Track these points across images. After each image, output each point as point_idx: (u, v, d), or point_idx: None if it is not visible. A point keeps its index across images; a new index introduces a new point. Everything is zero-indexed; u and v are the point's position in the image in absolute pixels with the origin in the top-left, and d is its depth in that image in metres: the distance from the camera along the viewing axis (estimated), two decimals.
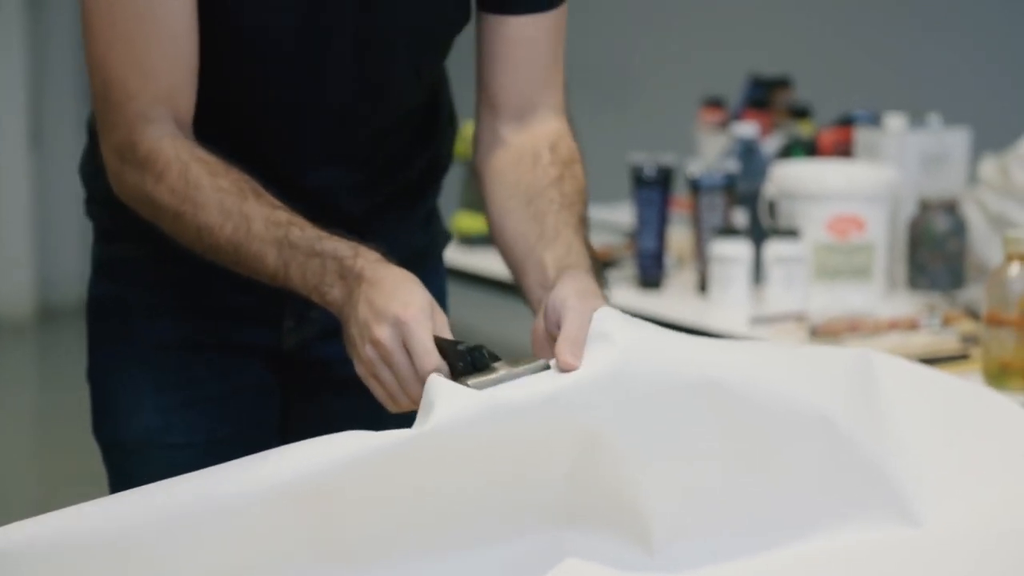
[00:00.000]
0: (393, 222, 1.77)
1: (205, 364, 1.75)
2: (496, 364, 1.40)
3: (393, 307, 1.43)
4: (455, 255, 3.37)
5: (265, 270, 1.52)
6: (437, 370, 1.40)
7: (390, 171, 1.76)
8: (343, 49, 1.63)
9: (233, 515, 1.30)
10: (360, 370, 1.47)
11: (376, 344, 1.43)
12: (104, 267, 1.78)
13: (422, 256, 1.85)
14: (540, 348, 1.49)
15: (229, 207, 1.52)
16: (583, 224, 1.63)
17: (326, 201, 1.68)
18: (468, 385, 1.37)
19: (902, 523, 1.48)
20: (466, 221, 3.54)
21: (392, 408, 1.47)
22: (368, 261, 1.48)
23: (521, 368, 1.40)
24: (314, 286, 1.49)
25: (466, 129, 3.57)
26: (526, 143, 1.70)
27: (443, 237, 1.91)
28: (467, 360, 1.40)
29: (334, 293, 1.48)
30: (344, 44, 1.63)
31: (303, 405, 1.81)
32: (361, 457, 1.32)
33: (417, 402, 1.39)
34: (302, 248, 1.50)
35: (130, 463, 1.75)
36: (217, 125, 1.64)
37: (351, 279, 1.47)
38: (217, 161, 1.55)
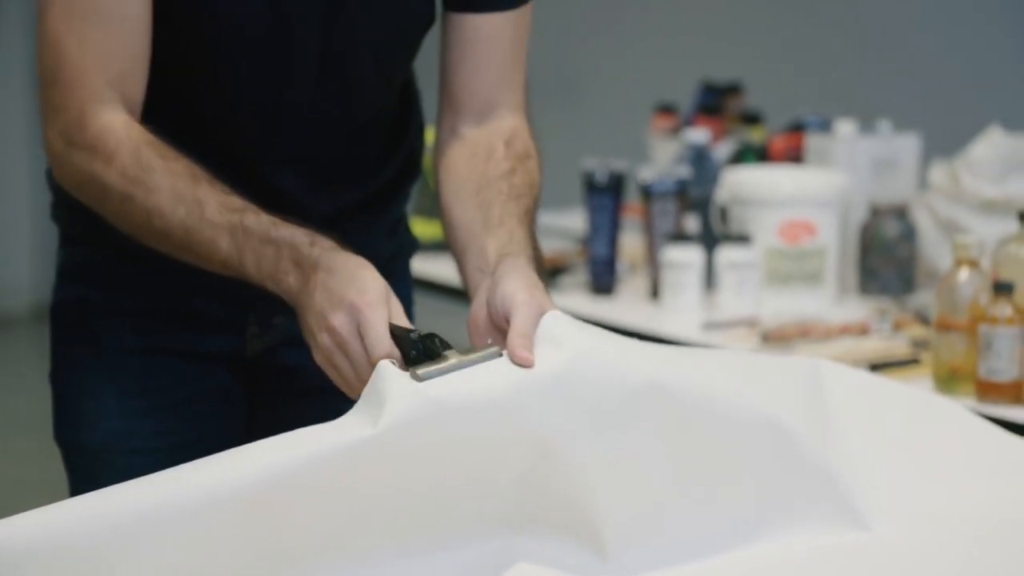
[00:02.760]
0: (361, 228, 1.76)
1: (169, 369, 1.73)
2: (448, 352, 1.39)
3: (349, 294, 1.43)
4: None
5: (217, 256, 1.51)
6: (389, 356, 1.40)
7: (358, 176, 1.75)
8: (308, 41, 1.63)
9: (178, 520, 1.29)
10: (317, 357, 1.46)
11: (332, 332, 1.43)
12: (69, 271, 1.77)
13: (389, 263, 1.85)
14: (477, 335, 1.48)
15: (182, 191, 1.51)
16: (529, 216, 1.63)
17: (293, 202, 1.67)
18: (418, 374, 1.36)
19: (852, 527, 1.49)
20: (419, 227, 3.53)
21: (351, 395, 1.45)
22: (324, 249, 1.48)
23: (474, 356, 1.39)
24: (268, 273, 1.49)
25: (428, 136, 3.57)
26: (482, 138, 1.70)
27: (410, 245, 1.90)
28: (419, 348, 1.40)
29: (289, 281, 1.48)
30: (309, 37, 1.62)
31: (267, 412, 1.80)
32: (311, 461, 1.32)
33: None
34: (257, 234, 1.49)
35: (92, 467, 1.74)
36: (185, 122, 1.64)
37: (307, 267, 1.47)
38: (168, 146, 1.54)
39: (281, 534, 1.32)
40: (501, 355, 1.40)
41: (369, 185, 1.77)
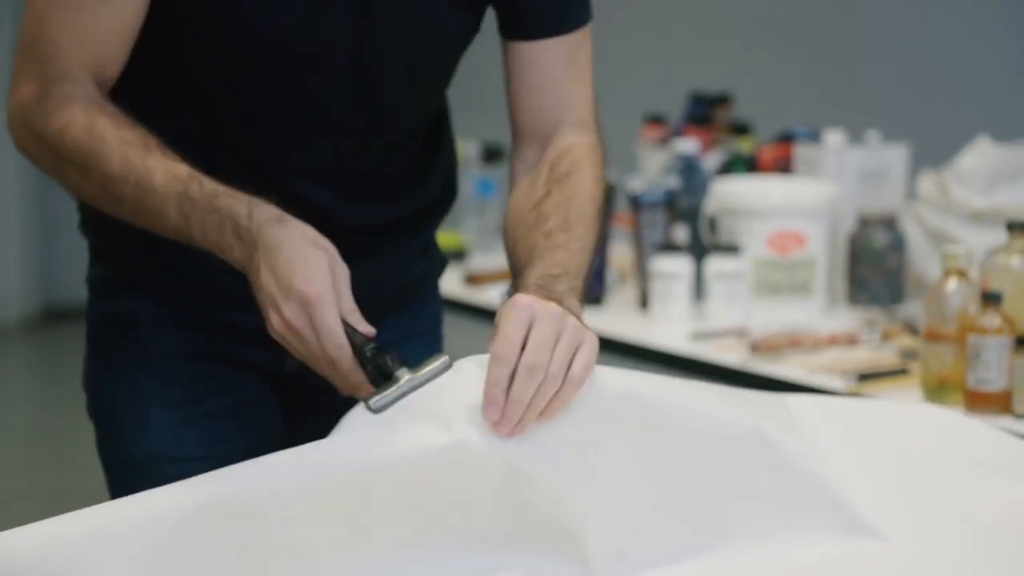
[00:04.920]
0: (397, 247, 1.77)
1: (214, 377, 1.73)
2: (399, 372, 1.40)
3: (297, 283, 1.43)
4: None
5: (168, 224, 1.51)
6: (340, 352, 1.43)
7: (391, 194, 1.75)
8: (338, 54, 1.62)
9: (161, 531, 1.29)
10: (273, 332, 1.48)
11: (284, 321, 1.44)
12: (107, 285, 1.76)
13: (420, 282, 1.85)
14: None
15: (133, 159, 1.51)
16: (553, 236, 1.59)
17: (325, 215, 1.66)
18: (371, 406, 1.37)
19: (860, 535, 1.48)
20: None
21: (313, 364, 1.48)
22: (263, 221, 1.47)
23: (425, 372, 1.40)
24: (215, 242, 1.49)
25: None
26: (536, 168, 1.70)
27: (440, 263, 1.90)
28: (375, 366, 1.42)
29: (235, 253, 1.48)
30: (340, 49, 1.62)
31: (300, 424, 1.78)
32: (292, 481, 1.32)
33: (330, 372, 1.45)
34: (200, 204, 1.49)
35: (140, 479, 1.71)
36: (215, 132, 1.64)
37: (247, 241, 1.47)
38: (124, 115, 1.56)
39: (259, 548, 1.32)
40: (450, 366, 1.40)
41: (404, 204, 1.77)
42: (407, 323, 1.81)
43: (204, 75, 1.62)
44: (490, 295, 3.11)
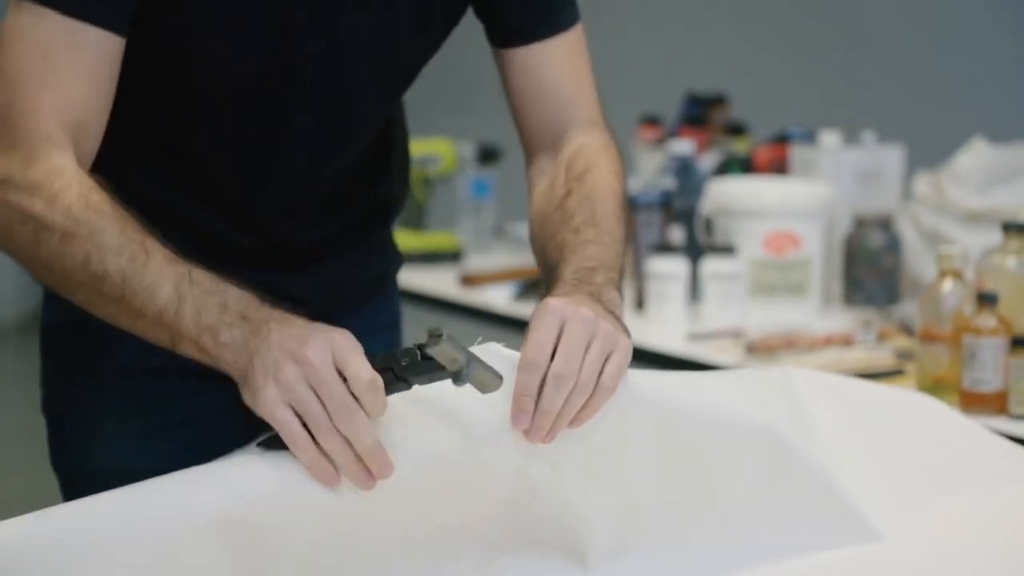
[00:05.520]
0: (351, 248, 1.75)
1: (167, 388, 1.70)
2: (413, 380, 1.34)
3: (318, 330, 1.34)
4: None
5: (153, 306, 1.39)
6: (375, 383, 1.30)
7: (346, 205, 1.73)
8: (306, 90, 1.59)
9: (158, 540, 1.29)
10: (273, 404, 1.32)
11: (302, 361, 1.31)
12: (57, 294, 1.75)
13: (380, 279, 1.84)
14: None
15: (131, 235, 1.41)
16: (581, 231, 1.56)
17: (278, 232, 1.66)
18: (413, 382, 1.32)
19: (862, 537, 1.48)
20: (402, 238, 3.52)
21: (300, 450, 1.32)
22: (276, 309, 1.39)
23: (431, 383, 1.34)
24: (208, 325, 1.37)
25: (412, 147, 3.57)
26: (553, 170, 1.67)
27: (397, 259, 1.89)
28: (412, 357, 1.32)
29: (233, 332, 1.37)
30: (307, 84, 1.58)
31: (266, 428, 1.77)
32: (294, 482, 1.31)
33: (348, 436, 1.30)
34: (203, 286, 1.39)
35: (95, 492, 1.70)
36: (169, 163, 1.61)
37: (255, 320, 1.37)
38: (117, 199, 1.45)
39: (258, 556, 1.31)
40: (463, 381, 1.34)
41: (362, 209, 1.76)
42: (369, 320, 1.80)
43: (167, 115, 1.58)
44: (485, 296, 3.11)
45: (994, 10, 4.68)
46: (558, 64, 1.68)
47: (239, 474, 1.32)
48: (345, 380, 1.30)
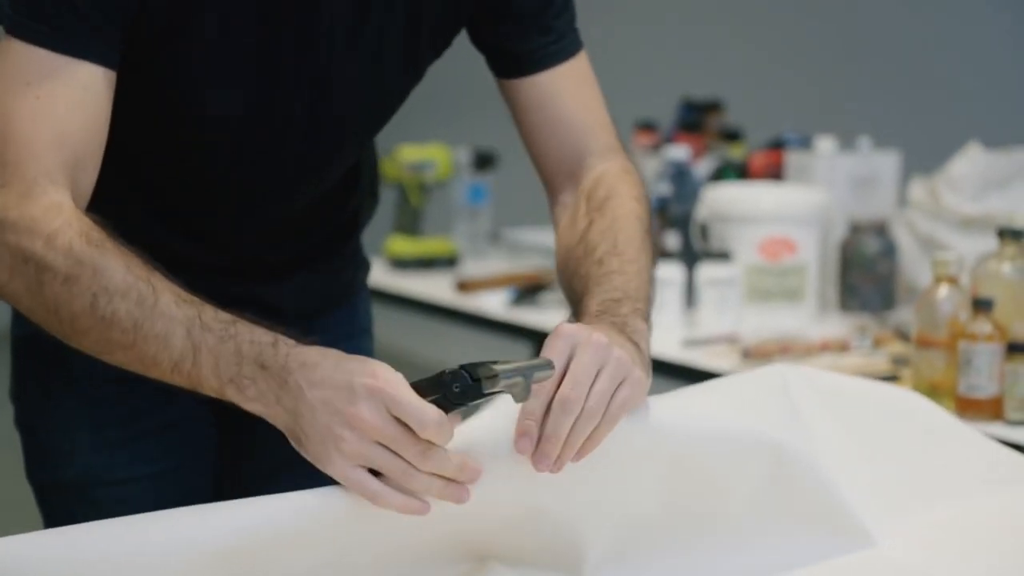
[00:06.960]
0: (323, 261, 1.76)
1: (142, 397, 1.68)
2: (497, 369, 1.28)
3: (357, 379, 1.26)
4: (386, 278, 3.36)
5: (167, 355, 1.34)
6: (440, 422, 1.26)
7: (318, 223, 1.74)
8: (293, 133, 1.58)
9: (151, 566, 1.26)
10: (341, 469, 1.27)
11: (358, 424, 1.25)
12: None
13: (352, 285, 1.85)
14: None
15: (137, 273, 1.35)
16: (604, 262, 1.53)
17: (253, 255, 1.66)
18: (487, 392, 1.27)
19: (858, 543, 1.48)
20: (398, 244, 3.53)
21: (397, 504, 1.28)
22: (290, 347, 1.31)
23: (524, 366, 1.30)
24: (229, 378, 1.31)
25: (403, 152, 3.57)
26: (575, 203, 1.64)
27: (365, 266, 1.89)
28: (463, 379, 1.27)
29: (258, 387, 1.31)
30: (294, 128, 1.57)
31: (237, 436, 1.77)
32: (289, 517, 1.29)
33: (433, 471, 1.27)
34: (215, 331, 1.32)
35: (68, 503, 1.69)
36: (159, 206, 1.61)
37: (275, 369, 1.30)
38: (117, 236, 1.41)
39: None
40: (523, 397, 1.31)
41: (335, 224, 1.76)
42: (345, 324, 1.82)
43: (146, 147, 1.57)
44: (481, 301, 3.11)
45: (989, 17, 4.69)
46: (570, 93, 1.65)
47: (237, 506, 1.29)
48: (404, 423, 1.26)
